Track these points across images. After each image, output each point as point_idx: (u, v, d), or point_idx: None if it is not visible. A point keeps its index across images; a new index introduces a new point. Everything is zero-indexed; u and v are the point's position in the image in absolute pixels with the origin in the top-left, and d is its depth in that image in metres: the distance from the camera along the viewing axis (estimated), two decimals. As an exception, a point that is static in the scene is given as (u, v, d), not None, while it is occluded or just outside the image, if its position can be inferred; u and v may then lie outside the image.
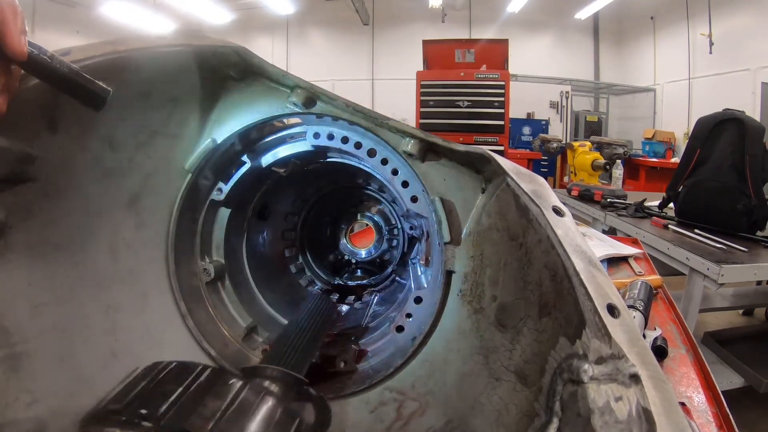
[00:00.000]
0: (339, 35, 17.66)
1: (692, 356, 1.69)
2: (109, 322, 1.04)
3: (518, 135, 14.63)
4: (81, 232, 1.00)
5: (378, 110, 1.00)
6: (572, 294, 0.68)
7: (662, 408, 0.54)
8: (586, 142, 7.85)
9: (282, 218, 1.60)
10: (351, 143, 1.09)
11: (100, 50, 0.87)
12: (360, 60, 17.64)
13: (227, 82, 1.10)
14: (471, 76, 10.44)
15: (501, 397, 0.84)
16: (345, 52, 17.68)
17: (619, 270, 2.67)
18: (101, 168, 0.99)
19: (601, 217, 4.67)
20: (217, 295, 1.25)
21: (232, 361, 1.15)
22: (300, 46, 17.96)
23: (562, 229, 0.75)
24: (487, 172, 0.95)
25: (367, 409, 1.07)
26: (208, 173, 1.18)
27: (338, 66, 17.41)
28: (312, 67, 17.05)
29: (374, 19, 17.18)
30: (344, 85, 16.75)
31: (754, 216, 3.56)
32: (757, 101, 10.29)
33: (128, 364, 1.02)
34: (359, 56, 17.64)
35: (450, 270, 1.01)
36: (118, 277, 1.07)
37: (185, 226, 1.18)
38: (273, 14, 16.74)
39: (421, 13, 16.20)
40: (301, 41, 17.97)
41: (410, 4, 16.44)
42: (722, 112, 3.92)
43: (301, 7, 16.27)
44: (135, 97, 0.98)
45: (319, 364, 1.20)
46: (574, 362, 0.65)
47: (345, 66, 17.48)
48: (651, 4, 14.78)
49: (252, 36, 17.76)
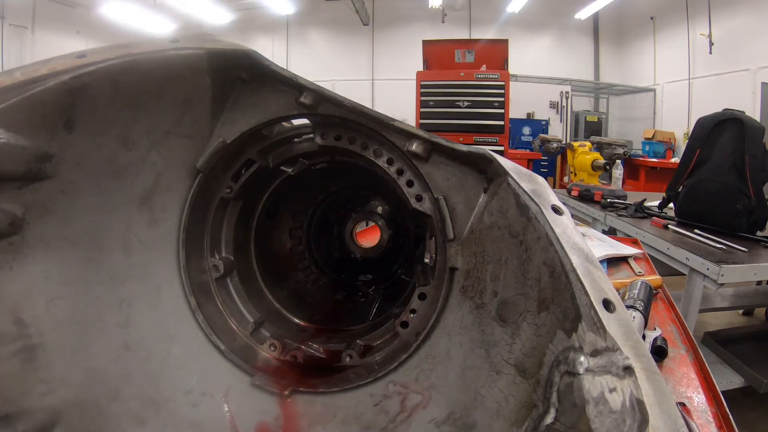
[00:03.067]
0: (339, 35, 17.68)
1: (692, 356, 1.70)
2: (122, 315, 1.06)
3: (518, 135, 14.63)
4: (95, 229, 1.02)
5: (378, 110, 1.02)
6: (569, 289, 0.71)
7: (655, 399, 0.57)
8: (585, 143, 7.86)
9: (290, 216, 1.62)
10: (358, 143, 1.11)
11: (114, 53, 0.89)
12: (360, 60, 17.66)
13: (237, 84, 1.12)
14: (471, 77, 10.45)
15: (501, 389, 0.87)
16: (345, 53, 17.69)
17: (619, 270, 2.67)
18: (115, 166, 1.01)
19: (601, 217, 4.68)
20: (226, 291, 1.27)
21: (240, 355, 1.18)
22: (300, 46, 17.97)
23: (561, 227, 0.78)
24: (489, 172, 0.97)
25: (372, 401, 1.09)
26: (218, 172, 1.21)
27: (338, 66, 17.43)
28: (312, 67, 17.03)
29: (374, 19, 17.18)
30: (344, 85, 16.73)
31: (754, 216, 3.57)
32: (757, 101, 10.29)
33: (141, 357, 1.05)
34: (359, 56, 17.65)
35: (453, 267, 1.03)
36: (131, 273, 1.09)
37: (196, 223, 1.20)
38: (273, 14, 16.77)
39: (421, 13, 16.22)
40: (301, 42, 17.97)
41: (410, 5, 16.45)
42: (722, 112, 3.93)
43: (301, 7, 16.31)
44: (148, 99, 1.00)
45: (325, 359, 1.22)
46: (570, 355, 0.68)
47: (345, 66, 17.49)
48: (651, 4, 14.79)
49: (252, 36, 17.75)
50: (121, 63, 0.90)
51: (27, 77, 0.81)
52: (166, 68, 0.99)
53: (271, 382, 1.15)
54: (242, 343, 1.22)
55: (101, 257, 1.04)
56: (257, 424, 1.10)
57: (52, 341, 0.93)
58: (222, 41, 1.04)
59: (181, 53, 0.99)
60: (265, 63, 1.05)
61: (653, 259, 3.18)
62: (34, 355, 0.90)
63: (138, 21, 15.15)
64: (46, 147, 0.87)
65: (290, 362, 1.23)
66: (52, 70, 0.83)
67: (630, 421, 0.56)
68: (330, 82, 16.30)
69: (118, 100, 0.95)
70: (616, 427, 0.57)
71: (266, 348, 1.24)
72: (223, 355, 1.17)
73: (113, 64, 0.89)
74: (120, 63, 0.90)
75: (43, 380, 0.90)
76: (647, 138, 13.73)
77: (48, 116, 0.86)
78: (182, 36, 1.04)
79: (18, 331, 0.88)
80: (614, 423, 0.57)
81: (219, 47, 1.03)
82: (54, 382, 0.92)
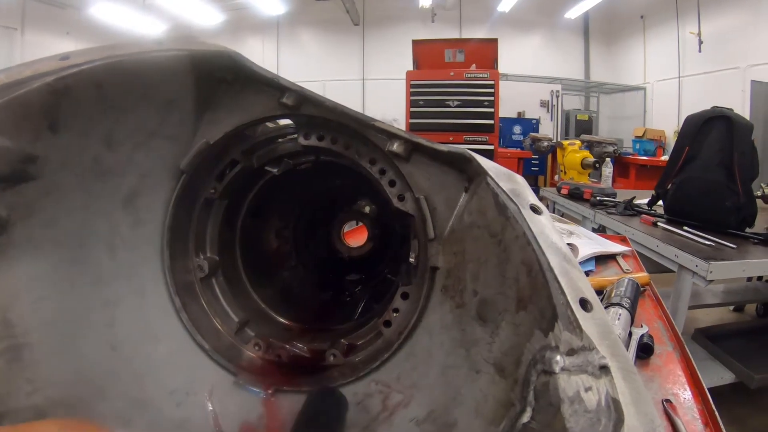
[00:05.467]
0: (330, 36, 17.66)
1: (679, 353, 1.70)
2: (108, 315, 1.07)
3: (509, 134, 14.64)
4: (80, 230, 1.02)
5: (369, 111, 1.03)
6: (546, 288, 0.71)
7: (631, 398, 0.57)
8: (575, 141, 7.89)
9: (275, 216, 1.63)
10: (341, 143, 1.12)
11: (98, 54, 0.89)
12: (351, 60, 17.65)
13: (221, 85, 1.12)
14: (461, 76, 10.43)
15: (481, 388, 0.87)
16: (336, 53, 17.68)
17: (607, 268, 2.67)
18: (100, 167, 1.01)
19: (591, 215, 4.70)
20: (210, 291, 1.27)
21: (224, 355, 1.18)
22: (290, 46, 17.95)
23: (538, 226, 0.78)
24: (469, 172, 0.98)
25: (354, 400, 1.10)
26: (202, 173, 1.21)
27: (329, 66, 17.42)
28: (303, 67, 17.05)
29: (365, 19, 17.19)
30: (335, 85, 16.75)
31: (743, 213, 3.59)
32: (746, 99, 10.32)
33: (126, 357, 1.06)
34: (350, 56, 17.64)
35: (434, 266, 1.04)
36: (117, 273, 1.10)
37: (180, 224, 1.20)
38: (263, 15, 16.74)
39: (412, 13, 16.22)
40: (291, 42, 17.96)
41: (401, 4, 16.45)
42: (710, 110, 3.94)
43: (292, 7, 16.28)
44: (133, 100, 1.00)
45: (309, 358, 1.23)
46: (546, 354, 0.68)
47: (336, 66, 17.48)
48: (641, 3, 14.88)
49: (242, 37, 17.74)
50: (104, 65, 0.90)
51: (11, 79, 0.81)
52: (150, 70, 0.99)
53: (255, 381, 1.15)
54: (227, 343, 1.22)
55: (86, 258, 1.04)
56: (241, 422, 1.10)
57: (39, 341, 0.93)
58: (205, 43, 1.04)
59: (165, 55, 0.99)
60: (248, 64, 1.05)
61: (643, 257, 3.19)
62: (20, 355, 0.90)
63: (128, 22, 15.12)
64: (31, 148, 0.88)
65: (274, 361, 1.23)
66: (36, 71, 0.83)
67: (605, 421, 0.56)
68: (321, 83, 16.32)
69: (103, 102, 0.95)
70: (591, 426, 0.57)
71: (251, 347, 1.24)
72: (208, 354, 1.18)
73: (97, 66, 0.89)
74: (104, 65, 0.90)
75: (29, 379, 0.90)
76: (637, 136, 13.78)
77: (32, 118, 0.86)
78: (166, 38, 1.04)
79: (4, 331, 0.89)
80: (589, 422, 0.58)
81: (202, 49, 1.03)
82: (40, 382, 0.92)
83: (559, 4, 15.79)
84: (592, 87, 16.73)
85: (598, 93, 16.59)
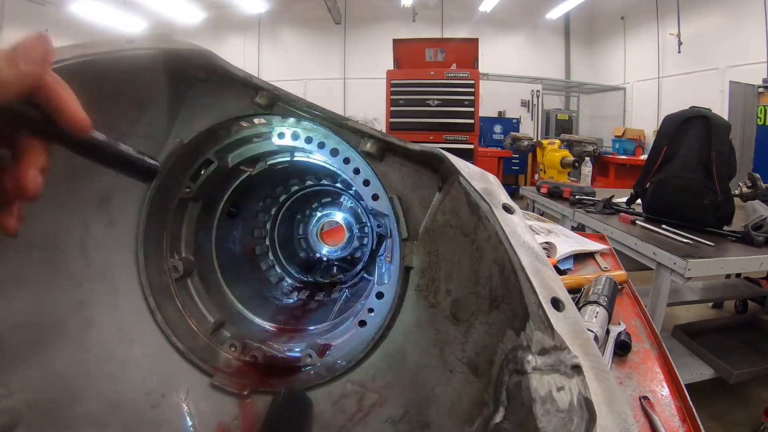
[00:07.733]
0: (311, 34, 17.63)
1: (656, 350, 1.70)
2: (81, 317, 1.06)
3: (489, 133, 14.72)
4: (53, 230, 1.01)
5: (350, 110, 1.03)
6: (518, 288, 0.71)
7: (603, 397, 0.57)
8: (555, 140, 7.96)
9: (252, 216, 1.62)
10: (314, 143, 1.11)
11: (69, 53, 0.88)
12: (332, 59, 17.63)
13: (194, 84, 1.12)
14: (441, 75, 10.43)
15: (454, 388, 0.87)
16: (317, 52, 17.65)
17: (585, 266, 2.67)
18: (72, 167, 0.99)
19: (570, 213, 4.71)
20: (186, 292, 1.26)
21: (200, 356, 1.18)
22: (272, 45, 17.90)
23: (511, 225, 0.78)
24: (442, 171, 0.98)
25: (329, 401, 1.10)
26: (176, 172, 1.20)
27: (310, 65, 17.39)
28: (284, 66, 17.03)
29: (346, 18, 17.18)
30: (316, 84, 16.74)
31: (721, 211, 3.60)
32: (725, 99, 10.42)
33: (101, 359, 1.05)
34: (331, 56, 17.63)
35: (408, 266, 1.04)
36: (90, 274, 1.09)
37: (154, 224, 1.19)
38: (244, 13, 16.69)
39: (394, 12, 16.23)
40: (272, 40, 17.91)
41: (382, 3, 16.46)
42: (689, 110, 3.95)
43: (273, 6, 16.24)
44: (105, 99, 0.98)
45: (284, 358, 1.22)
46: (518, 353, 0.68)
47: (317, 65, 17.45)
48: (621, 4, 15.01)
49: (223, 35, 17.67)
50: (76, 63, 0.89)
51: None
52: (123, 69, 0.97)
53: (230, 382, 1.15)
54: (202, 344, 1.21)
55: (60, 259, 1.03)
56: (216, 424, 1.10)
57: (12, 343, 0.93)
58: (178, 41, 1.03)
59: (137, 53, 0.98)
60: (221, 63, 1.04)
61: (621, 255, 3.22)
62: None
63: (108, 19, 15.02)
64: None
65: (250, 362, 1.22)
66: (5, 70, 0.82)
67: (577, 420, 0.56)
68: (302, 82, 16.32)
69: None
70: (564, 425, 0.57)
71: (226, 348, 1.23)
72: (183, 355, 1.17)
73: (69, 65, 0.87)
74: (75, 63, 0.88)
75: (2, 383, 0.89)
76: (617, 135, 13.89)
77: None
78: (139, 36, 1.03)
79: None
80: (561, 422, 0.58)
81: (174, 47, 1.02)
82: (14, 385, 0.91)
83: (541, 4, 15.88)
84: (573, 87, 16.83)
85: (579, 93, 16.69)
